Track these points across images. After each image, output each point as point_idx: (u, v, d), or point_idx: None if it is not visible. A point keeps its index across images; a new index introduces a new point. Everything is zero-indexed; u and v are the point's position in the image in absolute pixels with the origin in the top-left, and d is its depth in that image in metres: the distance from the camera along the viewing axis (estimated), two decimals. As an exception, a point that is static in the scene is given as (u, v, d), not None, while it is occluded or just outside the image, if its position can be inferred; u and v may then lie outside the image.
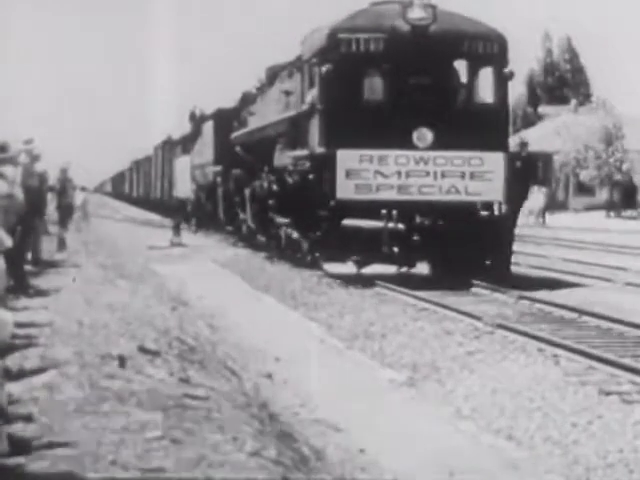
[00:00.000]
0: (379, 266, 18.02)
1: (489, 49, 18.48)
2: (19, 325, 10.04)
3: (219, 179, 30.60)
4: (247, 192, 25.11)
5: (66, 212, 22.20)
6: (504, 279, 16.93)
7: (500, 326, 12.62)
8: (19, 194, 10.08)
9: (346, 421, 8.44)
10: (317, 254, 18.99)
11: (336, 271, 18.24)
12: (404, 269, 18.30)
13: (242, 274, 20.02)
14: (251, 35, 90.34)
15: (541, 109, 66.51)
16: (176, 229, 30.27)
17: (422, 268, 18.53)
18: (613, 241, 28.30)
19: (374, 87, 18.30)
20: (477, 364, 10.60)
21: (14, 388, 7.34)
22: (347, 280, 17.58)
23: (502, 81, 18.65)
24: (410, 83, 18.09)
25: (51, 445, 6.09)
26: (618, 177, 55.12)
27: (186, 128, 39.55)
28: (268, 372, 10.45)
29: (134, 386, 7.86)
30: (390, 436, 8.11)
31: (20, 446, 5.98)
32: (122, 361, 8.61)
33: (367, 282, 17.30)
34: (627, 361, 10.12)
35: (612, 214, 51.88)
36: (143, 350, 9.42)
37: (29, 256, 16.50)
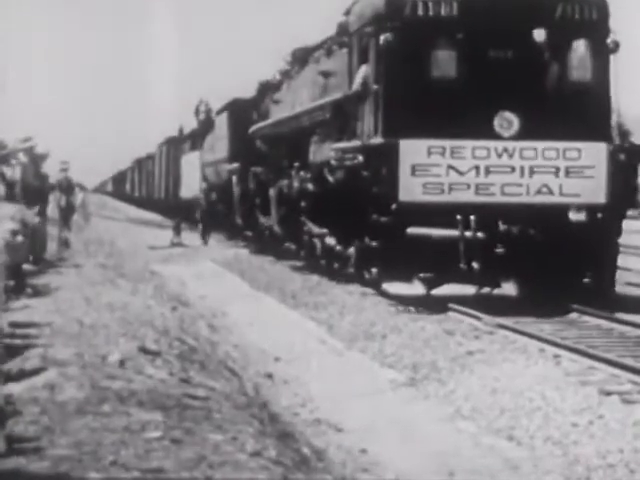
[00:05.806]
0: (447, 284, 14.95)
1: (587, 15, 15.13)
2: (19, 325, 10.05)
3: (235, 178, 27.51)
4: (272, 193, 22.24)
5: (68, 212, 22.18)
6: (606, 301, 14.07)
7: (500, 326, 12.60)
8: None
9: (347, 421, 8.44)
10: (374, 270, 15.50)
11: (396, 291, 15.03)
12: (486, 289, 14.89)
13: (242, 274, 20.02)
14: (262, 24, 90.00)
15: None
16: (176, 229, 30.27)
17: (507, 288, 15.21)
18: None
19: (445, 61, 14.89)
20: (477, 364, 10.59)
21: (14, 388, 7.34)
22: (412, 302, 14.54)
23: (603, 54, 15.17)
24: (489, 57, 14.84)
25: (51, 445, 6.09)
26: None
27: (193, 124, 37.90)
28: (268, 372, 10.45)
29: (134, 386, 7.86)
30: (391, 436, 8.11)
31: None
32: (121, 360, 8.62)
33: (438, 306, 14.32)
34: (628, 361, 10.12)
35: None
36: (143, 350, 9.42)
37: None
